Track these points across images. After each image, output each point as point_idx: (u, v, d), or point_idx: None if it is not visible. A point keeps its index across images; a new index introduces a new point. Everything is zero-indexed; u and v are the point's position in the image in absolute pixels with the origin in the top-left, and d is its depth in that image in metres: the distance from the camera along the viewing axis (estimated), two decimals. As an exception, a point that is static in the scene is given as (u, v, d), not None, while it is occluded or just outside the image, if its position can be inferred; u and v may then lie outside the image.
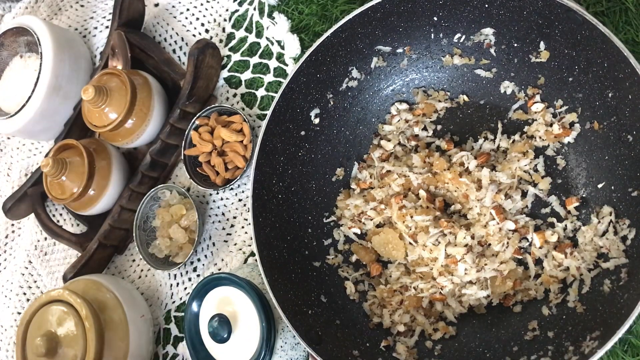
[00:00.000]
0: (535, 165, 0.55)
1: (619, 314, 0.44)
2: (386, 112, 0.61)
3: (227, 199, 0.67)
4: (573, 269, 0.51)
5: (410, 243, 0.55)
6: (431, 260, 0.54)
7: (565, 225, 0.53)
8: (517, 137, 0.56)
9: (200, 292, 0.55)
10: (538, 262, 0.53)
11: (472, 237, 0.53)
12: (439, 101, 0.58)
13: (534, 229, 0.54)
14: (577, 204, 0.53)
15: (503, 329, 0.53)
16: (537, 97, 0.55)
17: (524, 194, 0.55)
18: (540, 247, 0.53)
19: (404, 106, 0.59)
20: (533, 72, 0.55)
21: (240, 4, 0.71)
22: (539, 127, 0.55)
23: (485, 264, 0.52)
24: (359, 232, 0.60)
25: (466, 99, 0.58)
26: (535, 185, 0.55)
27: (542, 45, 0.53)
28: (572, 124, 0.54)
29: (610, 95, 0.50)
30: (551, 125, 0.54)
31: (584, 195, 0.53)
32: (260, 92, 0.68)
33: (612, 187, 0.51)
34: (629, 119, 0.49)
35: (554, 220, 0.54)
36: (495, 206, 0.53)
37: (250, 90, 0.69)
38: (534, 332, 0.51)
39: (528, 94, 0.56)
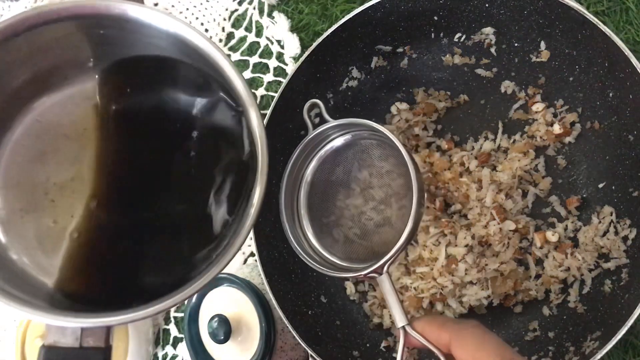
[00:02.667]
0: (536, 165, 0.55)
1: (620, 315, 0.44)
2: (386, 112, 0.60)
3: (226, 198, 0.67)
4: (574, 269, 0.51)
5: (410, 243, 0.55)
6: (431, 260, 0.54)
7: (566, 225, 0.53)
8: (517, 136, 0.56)
9: (200, 293, 0.55)
10: (538, 262, 0.53)
11: (473, 237, 0.53)
12: (440, 101, 0.58)
13: (535, 229, 0.54)
14: (577, 204, 0.53)
15: (503, 330, 0.53)
16: (538, 97, 0.55)
17: (524, 194, 0.55)
18: (540, 247, 0.53)
19: (404, 106, 0.59)
20: (534, 72, 0.55)
21: (239, 4, 0.70)
22: (540, 126, 0.55)
23: (486, 264, 0.52)
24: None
25: (466, 98, 0.58)
26: (535, 185, 0.55)
27: (542, 44, 0.53)
28: (572, 124, 0.54)
29: (611, 94, 0.50)
30: (552, 125, 0.54)
31: (584, 195, 0.53)
32: (260, 92, 0.68)
33: (613, 187, 0.51)
34: (629, 118, 0.48)
35: (555, 220, 0.54)
36: (495, 206, 0.53)
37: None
38: (534, 333, 0.51)
39: (529, 93, 0.56)
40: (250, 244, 0.65)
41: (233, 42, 0.70)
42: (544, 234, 0.53)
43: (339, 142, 0.48)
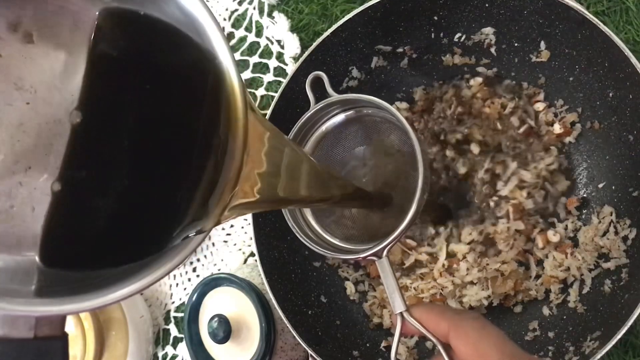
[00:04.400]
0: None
1: (620, 314, 0.44)
2: (386, 111, 0.60)
3: (226, 198, 0.67)
4: (574, 269, 0.51)
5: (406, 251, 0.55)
6: (431, 262, 0.54)
7: (566, 225, 0.53)
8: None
9: (200, 293, 0.55)
10: (539, 262, 0.53)
11: (480, 233, 0.52)
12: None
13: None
14: (577, 204, 0.53)
15: (503, 329, 0.52)
16: (538, 97, 0.55)
17: (546, 197, 0.54)
18: (542, 248, 0.53)
19: (404, 105, 0.59)
20: (534, 72, 0.55)
21: (240, 4, 0.70)
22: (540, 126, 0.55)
23: (487, 264, 0.52)
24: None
25: (466, 98, 0.58)
26: (553, 184, 0.54)
27: (542, 44, 0.53)
28: (572, 124, 0.54)
29: (611, 95, 0.50)
30: (552, 124, 0.54)
31: (584, 195, 0.53)
32: (260, 92, 0.68)
33: (613, 187, 0.51)
34: (629, 118, 0.48)
35: (555, 220, 0.54)
36: (514, 203, 0.52)
37: (250, 90, 0.69)
38: (534, 333, 0.51)
39: (529, 93, 0.56)
40: (250, 244, 0.65)
41: (233, 42, 0.70)
42: (545, 234, 0.53)
43: (341, 118, 0.45)
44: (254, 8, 0.69)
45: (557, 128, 0.54)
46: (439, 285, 0.53)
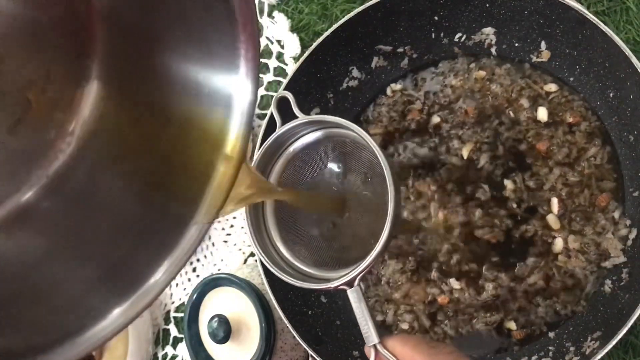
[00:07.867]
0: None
1: (620, 315, 0.44)
2: (386, 111, 0.60)
3: (226, 198, 0.67)
4: (574, 269, 0.51)
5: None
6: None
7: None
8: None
9: (200, 293, 0.55)
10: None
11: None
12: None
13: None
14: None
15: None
16: (545, 80, 0.55)
17: (591, 203, 0.52)
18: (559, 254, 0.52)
19: (399, 86, 0.58)
20: (534, 72, 0.54)
21: (239, 3, 0.70)
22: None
23: (500, 282, 0.52)
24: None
25: (467, 98, 0.58)
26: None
27: (543, 44, 0.53)
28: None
29: (611, 95, 0.50)
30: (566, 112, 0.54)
31: (585, 195, 0.53)
32: (260, 92, 0.68)
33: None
34: (630, 118, 0.49)
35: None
36: (559, 197, 0.51)
37: (249, 90, 0.68)
38: (534, 333, 0.51)
39: (529, 93, 0.56)
40: (250, 244, 0.65)
41: (233, 42, 0.70)
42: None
43: (308, 139, 0.43)
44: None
45: (567, 117, 0.53)
46: (449, 286, 0.53)
